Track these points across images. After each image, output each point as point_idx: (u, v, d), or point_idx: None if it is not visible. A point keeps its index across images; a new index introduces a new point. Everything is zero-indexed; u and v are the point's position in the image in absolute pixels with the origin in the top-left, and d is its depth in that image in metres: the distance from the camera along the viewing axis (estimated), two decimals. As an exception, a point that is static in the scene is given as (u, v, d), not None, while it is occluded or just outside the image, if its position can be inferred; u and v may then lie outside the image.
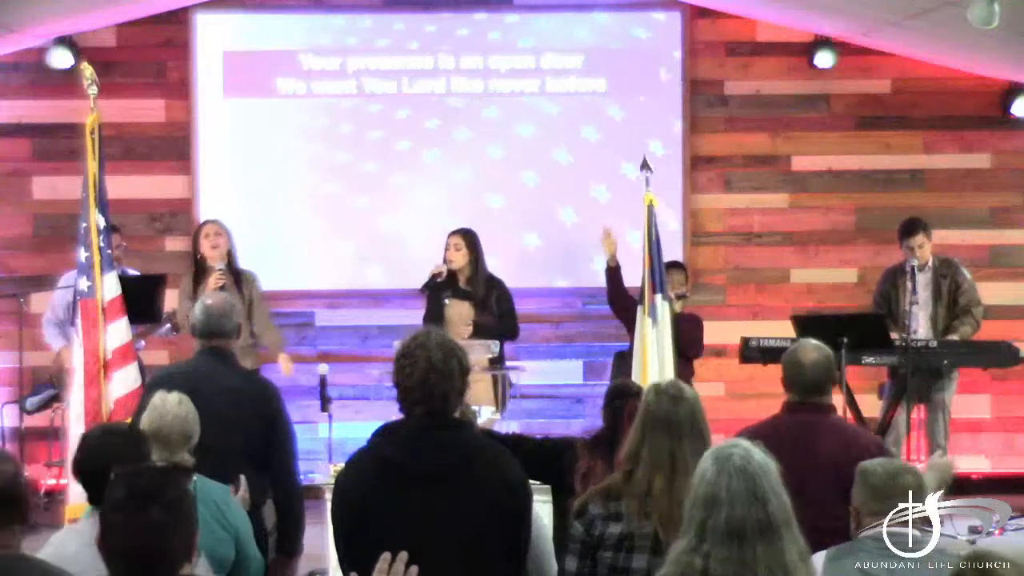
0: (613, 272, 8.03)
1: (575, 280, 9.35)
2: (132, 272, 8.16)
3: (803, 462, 4.44)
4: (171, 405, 4.52)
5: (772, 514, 2.91)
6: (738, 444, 3.00)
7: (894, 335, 8.02)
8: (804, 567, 2.95)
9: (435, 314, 7.80)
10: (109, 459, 3.78)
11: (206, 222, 8.04)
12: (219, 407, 5.04)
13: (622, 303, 7.96)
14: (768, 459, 2.98)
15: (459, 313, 7.74)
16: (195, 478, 4.44)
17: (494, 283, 7.92)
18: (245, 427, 5.29)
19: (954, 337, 8.13)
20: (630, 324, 7.55)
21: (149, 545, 2.69)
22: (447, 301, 7.78)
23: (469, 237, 7.90)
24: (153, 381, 5.62)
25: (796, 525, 2.96)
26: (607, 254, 8.02)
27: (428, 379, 3.61)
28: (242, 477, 4.97)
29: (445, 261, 7.86)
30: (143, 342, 7.92)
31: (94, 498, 3.88)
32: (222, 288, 7.78)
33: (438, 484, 3.59)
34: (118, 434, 4.11)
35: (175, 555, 2.72)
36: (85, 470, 3.94)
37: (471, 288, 7.82)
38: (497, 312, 7.80)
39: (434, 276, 7.85)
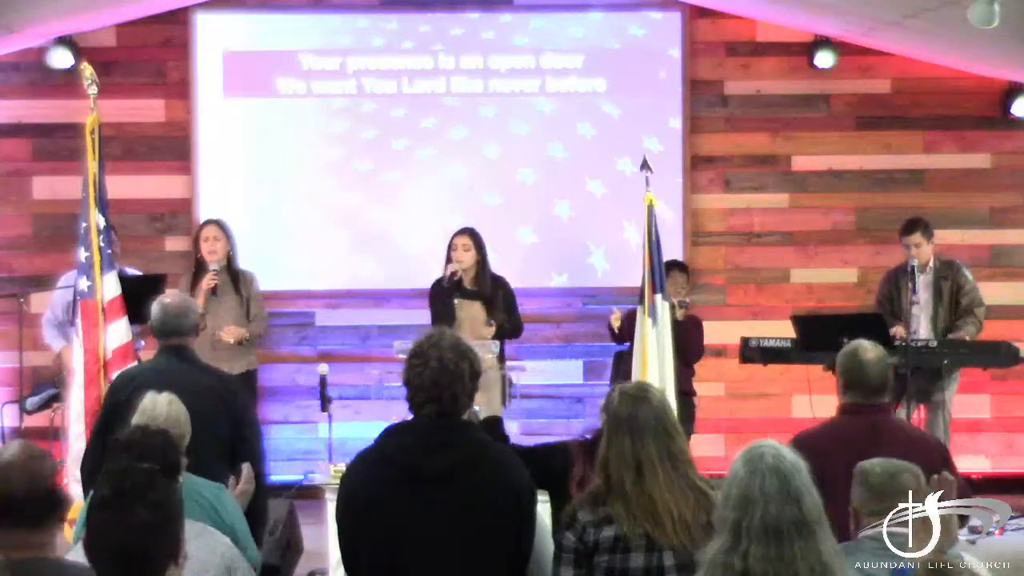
0: (619, 334, 8.14)
1: (575, 279, 9.35)
2: (133, 271, 8.16)
3: None
4: (162, 406, 4.51)
5: (806, 512, 2.93)
6: (767, 444, 3.02)
7: (897, 330, 8.01)
8: (840, 562, 2.97)
9: (446, 316, 7.78)
10: (146, 460, 3.77)
11: (207, 223, 8.04)
12: (187, 405, 5.03)
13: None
14: (798, 458, 3.00)
15: (471, 314, 7.73)
16: (183, 478, 4.44)
17: (500, 281, 7.93)
18: (214, 423, 5.27)
19: (960, 335, 8.11)
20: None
21: (134, 545, 2.68)
22: (456, 302, 7.77)
23: (476, 236, 7.91)
24: (114, 384, 5.61)
25: (827, 523, 2.99)
26: (615, 325, 8.12)
27: (439, 380, 3.61)
28: (246, 465, 4.97)
29: (451, 261, 7.86)
30: (143, 342, 7.92)
31: None
32: (214, 289, 7.79)
33: (442, 484, 3.60)
34: (158, 434, 4.09)
35: (160, 555, 2.71)
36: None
37: (478, 287, 7.83)
38: (505, 310, 7.82)
39: (452, 276, 7.84)
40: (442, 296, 7.80)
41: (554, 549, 3.78)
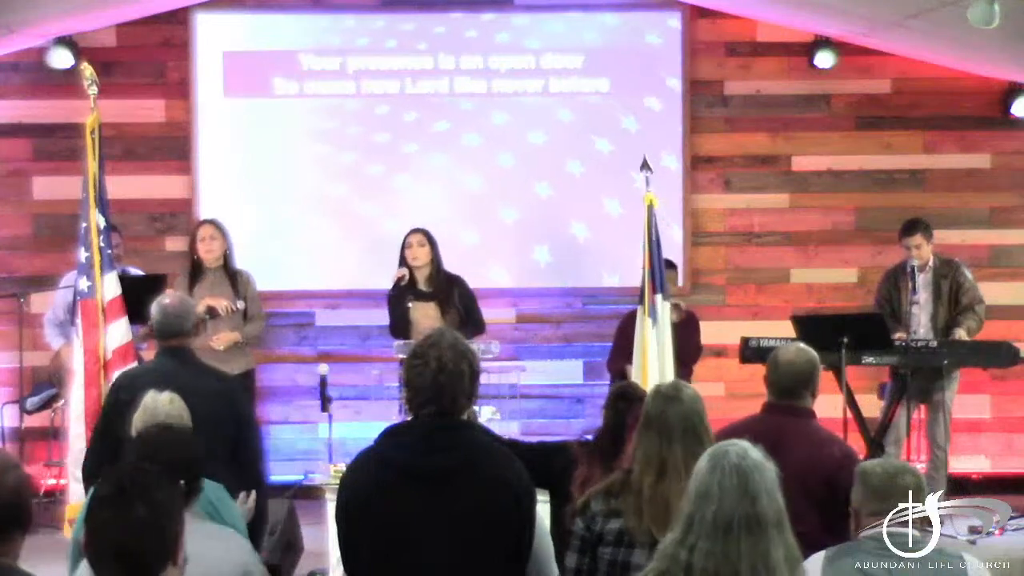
0: None
1: (575, 280, 9.35)
2: (135, 271, 8.17)
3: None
4: (163, 405, 4.51)
5: (761, 511, 2.92)
6: (735, 443, 3.02)
7: (900, 335, 8.02)
8: (789, 571, 2.94)
9: (401, 319, 7.81)
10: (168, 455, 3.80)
11: (203, 222, 8.04)
12: (188, 405, 5.03)
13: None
14: (765, 459, 2.98)
15: (425, 315, 7.73)
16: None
17: (454, 280, 7.92)
18: (214, 424, 5.27)
19: (960, 331, 8.09)
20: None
21: (131, 543, 2.66)
22: (410, 304, 7.79)
23: (429, 235, 7.92)
24: (116, 383, 5.61)
25: (789, 528, 2.97)
26: None
27: (438, 380, 3.61)
28: (254, 493, 4.96)
29: (405, 261, 7.85)
30: (145, 344, 7.91)
31: None
32: (211, 313, 7.71)
33: (442, 485, 3.59)
34: (176, 431, 4.10)
35: (158, 555, 2.69)
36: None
37: (432, 288, 7.83)
38: (463, 310, 7.81)
39: (399, 281, 7.84)
40: (398, 299, 7.81)
41: (559, 543, 3.80)
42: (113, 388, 5.62)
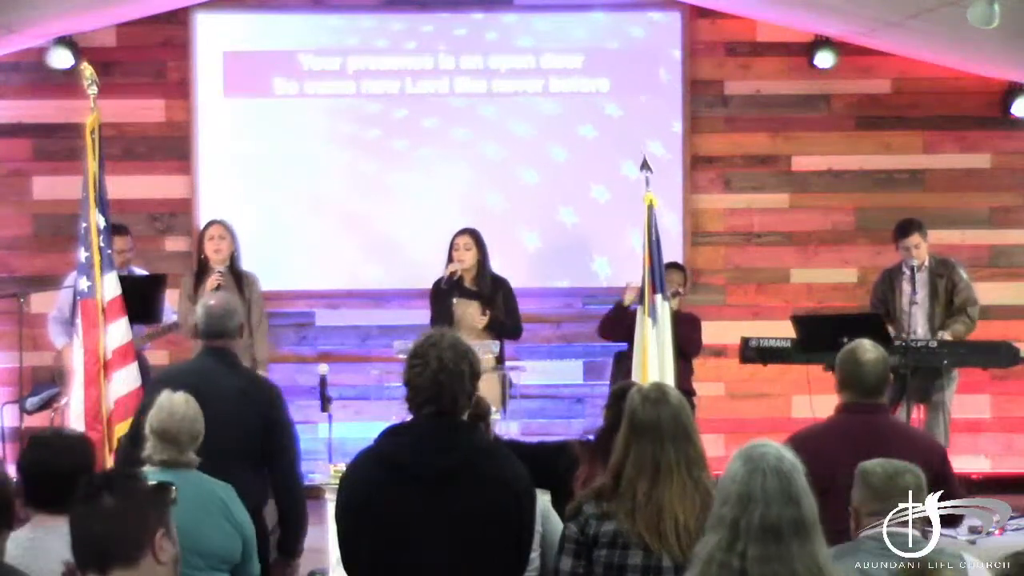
0: (624, 310, 8.02)
1: (575, 280, 9.36)
2: (140, 272, 8.18)
3: None
4: (178, 404, 4.53)
5: (804, 513, 2.92)
6: (768, 444, 2.99)
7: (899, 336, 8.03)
8: (832, 568, 2.96)
9: (444, 316, 7.77)
10: (60, 463, 3.80)
11: (212, 223, 8.02)
12: (220, 408, 5.05)
13: (614, 334, 8.03)
14: (796, 459, 2.98)
15: (468, 313, 7.74)
16: (193, 475, 4.45)
17: (500, 282, 7.93)
18: (246, 428, 5.30)
19: (946, 334, 8.10)
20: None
21: (100, 530, 2.72)
22: (455, 301, 7.77)
23: (477, 236, 7.91)
24: (155, 381, 5.65)
25: (820, 528, 2.97)
26: (626, 300, 8.03)
27: (438, 380, 3.61)
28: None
29: (453, 261, 7.84)
30: (149, 344, 7.91)
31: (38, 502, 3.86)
32: (218, 289, 7.77)
33: (442, 484, 3.60)
34: (70, 438, 4.10)
35: (128, 543, 2.71)
36: (35, 472, 3.91)
37: (477, 287, 7.83)
38: (505, 311, 7.82)
39: (452, 275, 7.81)
40: (441, 296, 7.80)
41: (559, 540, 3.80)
42: (149, 387, 5.64)
